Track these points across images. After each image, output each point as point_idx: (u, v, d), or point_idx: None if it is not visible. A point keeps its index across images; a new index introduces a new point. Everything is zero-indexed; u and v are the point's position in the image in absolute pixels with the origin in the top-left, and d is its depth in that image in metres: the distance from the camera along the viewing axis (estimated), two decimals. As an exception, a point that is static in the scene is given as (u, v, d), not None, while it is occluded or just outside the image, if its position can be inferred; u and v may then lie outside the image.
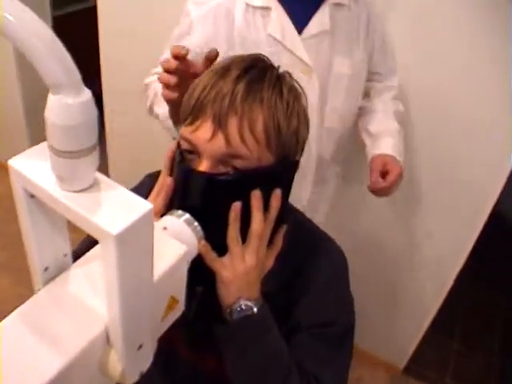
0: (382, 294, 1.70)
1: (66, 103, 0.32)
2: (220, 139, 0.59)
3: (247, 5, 1.08)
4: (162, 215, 0.60)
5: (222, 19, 1.08)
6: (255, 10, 1.09)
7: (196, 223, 0.58)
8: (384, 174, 1.19)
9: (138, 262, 0.38)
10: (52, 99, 0.32)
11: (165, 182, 0.65)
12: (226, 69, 0.62)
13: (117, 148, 2.12)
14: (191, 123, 0.61)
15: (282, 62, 0.94)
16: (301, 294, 0.73)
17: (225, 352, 0.66)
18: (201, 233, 0.58)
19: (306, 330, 0.71)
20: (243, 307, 0.64)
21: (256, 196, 0.63)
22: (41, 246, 0.45)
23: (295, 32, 1.10)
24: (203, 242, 0.59)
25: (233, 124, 0.59)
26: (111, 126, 2.05)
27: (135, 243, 0.36)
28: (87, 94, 0.33)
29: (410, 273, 1.63)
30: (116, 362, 0.44)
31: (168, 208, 0.65)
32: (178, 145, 0.66)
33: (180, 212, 0.59)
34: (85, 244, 0.74)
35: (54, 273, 0.48)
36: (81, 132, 0.33)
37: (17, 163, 0.39)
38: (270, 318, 0.66)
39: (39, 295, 0.45)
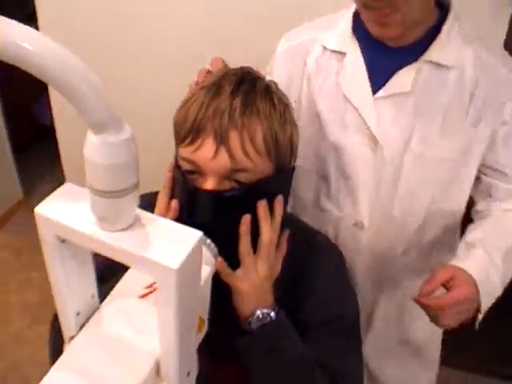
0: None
1: (111, 142, 0.30)
2: (223, 156, 0.59)
3: (324, 48, 0.89)
4: None
5: (300, 59, 0.92)
6: (330, 54, 0.89)
7: (209, 241, 0.57)
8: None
9: (191, 292, 0.37)
10: (94, 139, 0.30)
11: (168, 206, 0.64)
12: (218, 85, 0.61)
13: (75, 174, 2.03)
14: (191, 143, 0.60)
15: (347, 120, 0.87)
16: (305, 295, 0.74)
17: (250, 362, 0.66)
18: (215, 250, 0.58)
19: (316, 328, 0.72)
20: (261, 316, 0.64)
21: (262, 207, 0.63)
22: (72, 290, 0.43)
23: (368, 88, 0.85)
24: (220, 259, 0.59)
25: (234, 138, 0.58)
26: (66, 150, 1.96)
27: (190, 273, 0.35)
28: (128, 130, 0.31)
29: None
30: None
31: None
32: (177, 165, 0.64)
33: None
34: None
35: (86, 316, 0.46)
36: (125, 170, 0.32)
37: (45, 210, 0.37)
38: (287, 321, 0.67)
39: (79, 340, 0.43)
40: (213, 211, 0.61)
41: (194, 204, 0.61)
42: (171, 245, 0.34)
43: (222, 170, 0.60)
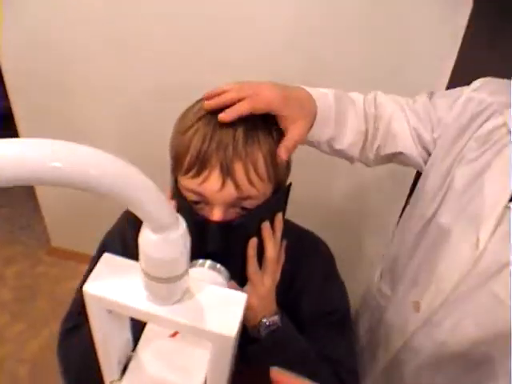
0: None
1: (169, 239, 0.33)
2: (230, 187, 0.60)
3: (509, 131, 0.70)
4: None
5: (480, 119, 0.74)
6: (506, 136, 0.70)
7: (219, 265, 0.61)
8: None
9: (236, 345, 0.41)
10: (154, 237, 0.33)
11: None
12: (217, 117, 0.60)
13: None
14: (197, 175, 0.60)
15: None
16: (299, 295, 0.79)
17: (262, 367, 0.71)
18: (226, 273, 0.61)
19: (311, 324, 0.78)
20: (268, 323, 0.69)
21: (267, 229, 0.66)
22: (114, 345, 0.46)
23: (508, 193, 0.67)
24: (232, 281, 0.63)
25: (239, 170, 0.59)
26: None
27: (239, 333, 0.39)
28: (182, 224, 0.34)
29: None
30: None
31: None
32: (180, 194, 0.66)
33: (201, 261, 0.61)
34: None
35: (124, 362, 0.49)
36: (181, 260, 0.35)
37: (94, 289, 0.39)
38: (290, 323, 0.73)
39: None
40: (222, 240, 0.63)
41: (203, 234, 0.64)
42: (223, 312, 0.37)
43: (229, 200, 0.61)
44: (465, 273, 0.70)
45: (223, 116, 0.59)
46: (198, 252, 0.63)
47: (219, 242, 0.63)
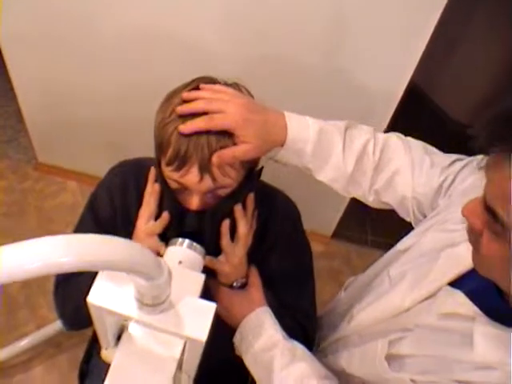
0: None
1: (156, 284, 0.44)
2: (207, 180, 0.70)
3: None
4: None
5: None
6: None
7: (195, 244, 0.73)
8: None
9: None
10: (144, 284, 0.44)
11: (153, 190, 0.80)
12: (192, 117, 0.68)
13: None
14: (178, 169, 0.70)
15: None
16: (270, 251, 0.92)
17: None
18: (201, 250, 0.74)
19: (280, 277, 0.93)
20: (238, 285, 0.85)
21: (238, 210, 0.80)
22: (111, 329, 0.59)
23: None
24: (208, 257, 0.76)
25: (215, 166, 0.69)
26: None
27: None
28: (166, 270, 0.45)
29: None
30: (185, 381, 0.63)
31: (159, 208, 0.81)
32: (163, 180, 0.76)
33: (180, 240, 0.73)
34: None
35: (118, 334, 0.63)
36: (166, 289, 0.46)
37: (96, 300, 0.51)
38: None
39: (119, 354, 0.60)
40: (198, 224, 0.76)
41: (182, 217, 0.76)
42: (197, 321, 0.50)
43: (206, 189, 0.72)
44: (380, 319, 0.77)
45: (182, 128, 0.68)
46: (179, 231, 0.76)
47: (196, 226, 0.76)
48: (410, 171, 0.80)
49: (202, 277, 0.63)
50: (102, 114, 1.95)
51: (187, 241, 0.73)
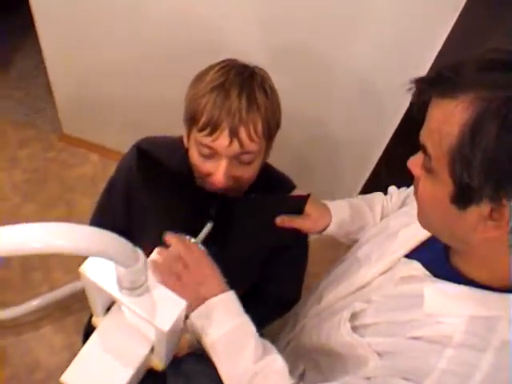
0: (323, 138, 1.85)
1: (134, 271, 0.52)
2: (236, 144, 0.79)
3: None
4: None
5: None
6: None
7: (200, 244, 0.81)
8: None
9: (175, 335, 0.62)
10: (121, 270, 0.51)
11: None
12: (226, 89, 0.78)
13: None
14: (210, 134, 0.79)
15: None
16: (268, 235, 0.97)
17: None
18: (205, 251, 0.79)
19: (274, 258, 0.99)
20: None
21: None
22: (101, 301, 0.67)
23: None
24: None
25: (243, 132, 0.79)
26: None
27: (176, 328, 0.60)
28: (142, 259, 0.52)
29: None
30: (157, 361, 0.72)
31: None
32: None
33: (187, 238, 0.81)
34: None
35: (107, 305, 0.71)
36: (139, 278, 0.54)
37: (88, 272, 0.59)
38: None
39: (104, 324, 0.69)
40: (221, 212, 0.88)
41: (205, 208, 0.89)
42: (165, 311, 0.58)
43: (234, 153, 0.81)
44: (345, 293, 0.85)
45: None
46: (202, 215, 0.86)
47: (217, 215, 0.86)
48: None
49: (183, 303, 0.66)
50: (127, 92, 2.04)
51: (192, 240, 0.81)
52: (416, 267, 0.69)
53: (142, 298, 0.58)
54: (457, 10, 1.30)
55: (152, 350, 0.69)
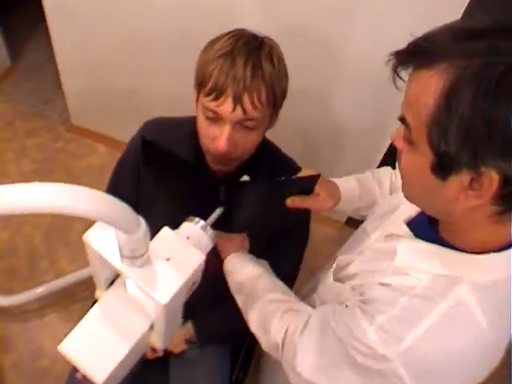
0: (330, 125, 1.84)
1: (135, 239, 0.51)
2: (239, 110, 0.80)
3: None
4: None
5: None
6: None
7: (208, 227, 0.77)
8: None
9: (176, 308, 0.61)
10: (122, 237, 0.51)
11: None
12: (232, 57, 0.80)
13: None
14: (215, 99, 0.81)
15: None
16: (273, 217, 1.01)
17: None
18: (213, 236, 0.77)
19: (275, 239, 1.03)
20: None
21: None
22: (104, 273, 0.67)
23: None
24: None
25: (247, 99, 0.80)
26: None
27: (176, 301, 0.59)
28: (143, 227, 0.51)
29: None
30: (156, 340, 0.71)
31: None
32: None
33: (196, 219, 0.77)
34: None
35: (111, 279, 0.71)
36: (140, 247, 0.53)
37: (91, 240, 0.58)
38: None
39: (107, 296, 0.68)
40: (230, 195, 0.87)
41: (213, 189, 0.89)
42: (165, 284, 0.57)
43: (237, 119, 0.82)
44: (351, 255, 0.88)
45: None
46: (208, 200, 0.85)
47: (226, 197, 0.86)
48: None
49: (202, 257, 0.66)
50: (135, 85, 2.04)
51: (202, 222, 0.77)
52: (401, 228, 0.73)
53: (142, 270, 0.57)
54: (458, 13, 1.31)
55: (152, 327, 0.68)
